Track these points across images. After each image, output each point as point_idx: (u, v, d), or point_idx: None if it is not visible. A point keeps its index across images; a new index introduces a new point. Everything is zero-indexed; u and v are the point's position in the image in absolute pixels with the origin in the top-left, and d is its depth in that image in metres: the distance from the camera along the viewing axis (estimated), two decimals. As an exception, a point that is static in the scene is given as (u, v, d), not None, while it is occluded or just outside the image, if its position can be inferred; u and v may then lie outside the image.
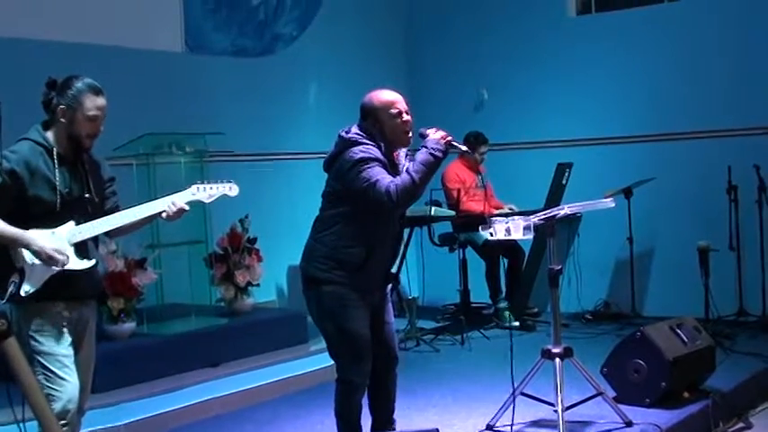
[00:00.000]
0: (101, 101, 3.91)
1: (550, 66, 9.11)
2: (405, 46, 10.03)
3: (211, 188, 4.12)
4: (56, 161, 3.88)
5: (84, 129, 3.90)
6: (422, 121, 4.58)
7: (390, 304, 4.65)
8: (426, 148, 4.27)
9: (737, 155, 7.97)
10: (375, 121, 4.36)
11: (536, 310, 8.61)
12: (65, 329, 3.92)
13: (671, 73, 8.56)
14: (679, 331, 5.75)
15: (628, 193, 8.24)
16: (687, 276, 7.90)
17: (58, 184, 3.87)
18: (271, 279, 7.94)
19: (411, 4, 10.02)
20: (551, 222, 5.03)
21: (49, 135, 3.92)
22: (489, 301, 8.62)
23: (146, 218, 4.08)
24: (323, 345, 6.89)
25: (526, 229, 4.89)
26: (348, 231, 4.31)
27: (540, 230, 5.18)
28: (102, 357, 4.36)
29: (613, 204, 5.35)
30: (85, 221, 3.93)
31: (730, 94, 8.29)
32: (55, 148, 3.89)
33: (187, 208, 4.06)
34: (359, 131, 4.36)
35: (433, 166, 4.24)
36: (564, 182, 8.31)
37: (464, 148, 4.49)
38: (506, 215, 6.94)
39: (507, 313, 8.36)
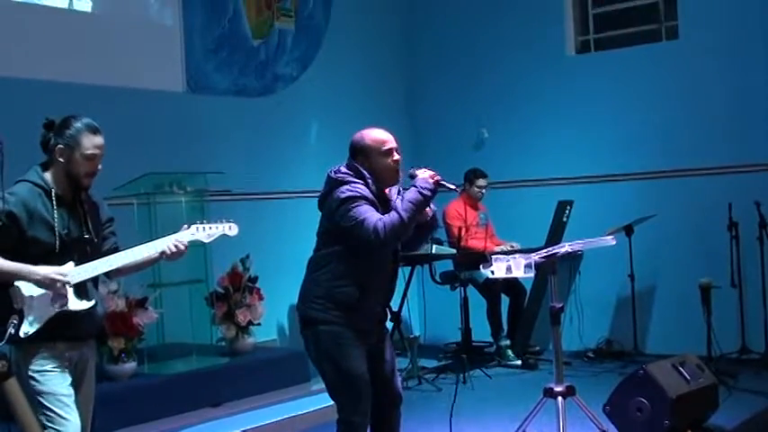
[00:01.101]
0: (98, 140, 3.92)
1: (550, 103, 9.14)
2: (405, 85, 10.07)
3: (211, 228, 4.12)
4: (54, 202, 3.89)
5: (83, 168, 3.90)
6: (422, 160, 4.60)
7: (390, 342, 4.62)
8: (415, 186, 4.28)
9: (738, 191, 7.97)
10: (365, 160, 4.38)
11: (538, 348, 8.58)
12: (65, 369, 3.90)
13: (671, 110, 8.58)
14: (682, 369, 5.73)
15: (629, 230, 8.24)
16: (689, 313, 7.87)
17: (56, 225, 3.87)
18: (272, 318, 7.92)
19: (411, 44, 10.07)
20: (553, 260, 5.03)
21: (48, 176, 3.93)
22: (491, 340, 8.59)
23: (146, 261, 4.07)
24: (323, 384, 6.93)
25: (527, 266, 4.89)
26: (341, 270, 4.30)
27: (542, 268, 5.17)
28: (102, 398, 4.33)
29: (614, 242, 5.35)
30: (84, 262, 3.92)
31: (730, 131, 8.31)
32: (53, 189, 3.90)
33: (185, 248, 4.05)
34: (347, 170, 4.37)
35: (421, 204, 4.25)
36: (565, 219, 8.32)
37: (453, 186, 4.49)
38: (507, 253, 6.94)
39: (509, 351, 8.33)
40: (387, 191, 4.46)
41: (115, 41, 7.41)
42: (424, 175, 4.34)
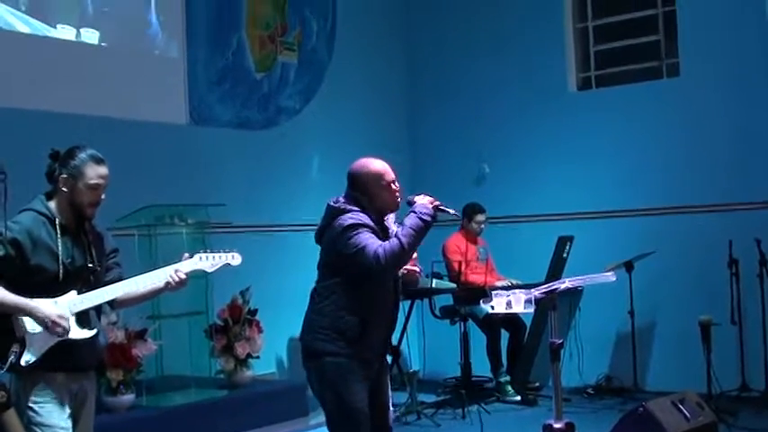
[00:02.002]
0: (102, 170, 3.95)
1: (552, 139, 9.17)
2: (407, 119, 10.11)
3: (214, 258, 4.14)
4: (58, 231, 3.90)
5: (86, 197, 3.93)
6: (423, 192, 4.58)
7: (388, 377, 4.61)
8: (415, 212, 4.29)
9: (738, 229, 7.98)
10: (364, 192, 4.40)
11: (537, 384, 8.56)
12: (64, 401, 3.90)
13: (671, 147, 8.60)
14: (681, 406, 5.71)
15: (629, 266, 8.24)
16: (689, 350, 7.85)
17: (60, 253, 3.88)
18: (271, 351, 7.90)
19: (414, 79, 10.12)
20: (553, 296, 5.02)
21: (52, 205, 3.95)
22: (491, 375, 8.57)
23: (150, 292, 4.09)
24: (323, 418, 6.91)
25: (527, 302, 4.88)
26: (344, 301, 4.30)
27: (542, 304, 5.16)
28: (100, 430, 4.32)
29: (614, 278, 5.35)
30: (87, 291, 3.93)
31: (731, 168, 8.33)
32: (57, 218, 3.92)
33: (190, 275, 4.07)
34: (346, 200, 4.39)
35: (422, 230, 4.26)
36: (565, 255, 8.33)
37: (452, 211, 4.49)
38: (507, 288, 6.94)
39: (509, 387, 8.31)
40: (385, 220, 4.48)
41: (119, 73, 7.46)
42: (423, 201, 4.35)
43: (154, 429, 6.06)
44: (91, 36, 7.38)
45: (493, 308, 4.92)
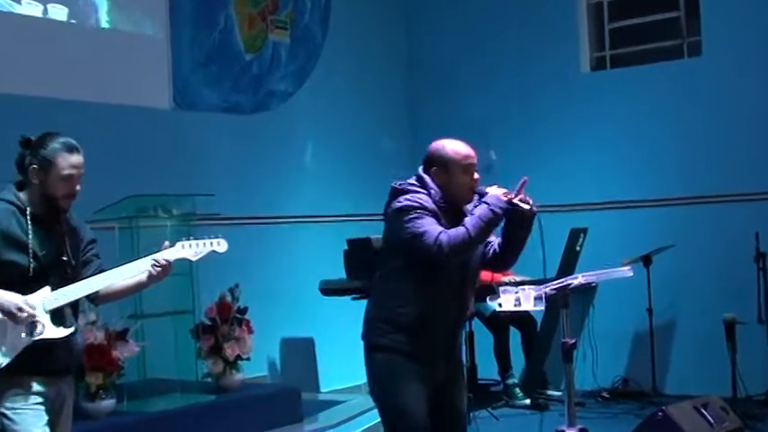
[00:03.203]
0: (76, 159, 3.91)
1: (563, 124, 9.16)
2: (407, 102, 10.10)
3: (198, 245, 4.10)
4: (29, 221, 3.88)
5: (60, 189, 3.89)
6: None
7: (463, 384, 4.49)
8: (487, 203, 4.21)
9: (766, 220, 7.97)
10: (442, 172, 4.32)
11: (549, 387, 8.55)
12: (41, 407, 3.88)
13: (693, 132, 8.60)
14: (704, 411, 5.71)
15: (647, 260, 8.24)
16: (712, 351, 7.85)
17: (31, 245, 3.86)
18: (262, 352, 7.89)
19: (414, 59, 10.11)
20: (565, 292, 5.01)
21: (22, 196, 3.92)
22: (498, 378, 8.57)
23: (132, 286, 4.07)
24: (319, 423, 6.92)
25: (537, 299, 4.87)
26: (401, 289, 4.22)
27: (553, 301, 5.15)
28: (78, 437, 4.32)
29: (631, 273, 5.33)
30: (63, 287, 3.91)
31: (757, 155, 8.32)
32: (29, 209, 3.89)
33: (173, 264, 4.03)
34: (411, 180, 4.35)
35: (492, 222, 4.18)
36: (578, 248, 8.31)
37: (527, 207, 4.39)
38: (516, 284, 6.92)
39: (518, 390, 8.31)
40: (461, 209, 4.36)
41: (93, 53, 7.42)
42: (497, 193, 4.28)
43: (136, 437, 6.06)
44: (59, 12, 7.32)
45: (500, 305, 4.90)
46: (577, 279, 5.00)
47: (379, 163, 9.49)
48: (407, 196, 4.24)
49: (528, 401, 8.21)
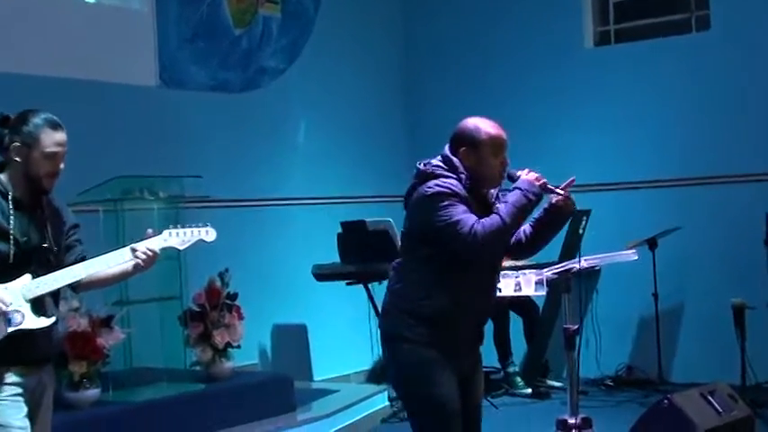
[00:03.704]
0: (60, 136, 3.89)
1: (565, 101, 9.14)
2: (404, 79, 10.07)
3: (185, 233, 4.08)
4: (11, 205, 3.86)
5: (43, 168, 3.87)
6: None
7: (481, 375, 4.44)
8: (520, 189, 4.16)
9: (775, 201, 7.97)
10: (472, 152, 4.24)
11: (550, 375, 8.56)
12: (20, 398, 3.86)
13: (700, 110, 8.58)
14: (712, 399, 5.71)
15: (652, 243, 8.24)
16: (720, 337, 7.85)
17: (12, 231, 3.84)
18: (253, 339, 7.90)
19: (411, 34, 10.08)
20: (567, 276, 5.01)
21: (3, 177, 3.90)
22: (498, 365, 8.58)
23: (117, 274, 4.05)
24: (312, 413, 6.92)
25: (538, 284, 4.88)
26: (429, 280, 4.14)
27: (555, 286, 5.16)
28: (61, 429, 4.31)
29: (636, 257, 5.34)
30: (44, 274, 3.89)
31: (767, 134, 8.30)
32: (11, 192, 3.87)
33: (159, 253, 4.01)
34: (439, 163, 4.25)
35: (526, 208, 4.13)
36: (581, 231, 8.30)
37: (561, 192, 4.32)
38: (517, 268, 6.92)
39: (518, 379, 8.32)
40: (485, 193, 4.33)
41: (79, 29, 7.39)
42: (529, 177, 4.22)
43: (122, 427, 6.04)
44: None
45: (500, 290, 4.90)
46: (580, 263, 5.00)
47: (374, 143, 9.49)
48: (437, 181, 4.14)
49: (529, 390, 8.23)
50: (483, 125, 4.33)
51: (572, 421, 5.01)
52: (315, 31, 9.17)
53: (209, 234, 4.14)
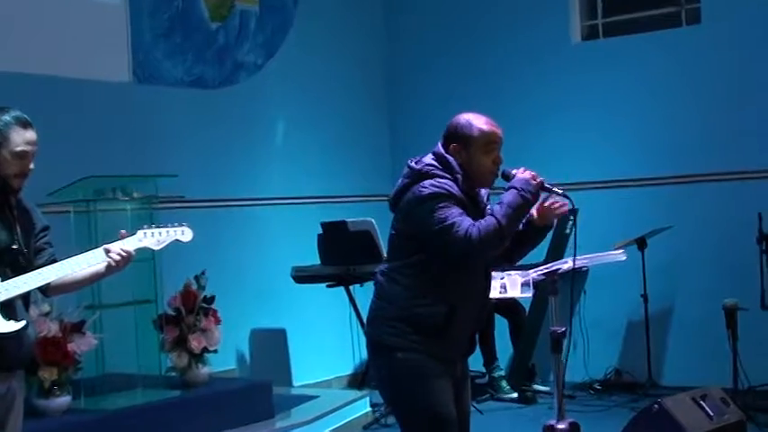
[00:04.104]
0: (30, 134, 3.89)
1: (552, 98, 9.15)
2: (385, 76, 10.08)
3: (161, 233, 4.09)
4: (-22, 206, 3.85)
5: (12, 167, 3.87)
6: (403, 161, 4.49)
7: (469, 381, 4.45)
8: (516, 188, 4.12)
9: (769, 199, 8.00)
10: (463, 150, 4.21)
11: (537, 379, 8.57)
12: (-11, 405, 3.86)
13: (691, 106, 8.60)
14: (703, 404, 5.73)
15: (641, 243, 8.26)
16: (712, 340, 7.87)
17: (-20, 233, 3.83)
18: (230, 345, 7.89)
19: (393, 29, 10.07)
20: (553, 278, 5.02)
21: (-29, 179, 3.90)
22: (483, 369, 8.59)
23: (89, 276, 4.04)
24: (291, 420, 6.92)
25: (524, 285, 4.89)
26: (423, 286, 4.11)
27: (541, 287, 5.16)
28: (31, 437, 4.30)
29: (624, 257, 5.35)
30: (13, 277, 3.88)
31: (761, 131, 8.32)
32: (-22, 192, 3.87)
33: (134, 253, 4.01)
34: (432, 161, 4.20)
35: (522, 209, 4.10)
36: (567, 231, 8.32)
37: (560, 191, 4.35)
38: (502, 269, 6.93)
39: (504, 383, 8.33)
40: (476, 192, 4.30)
41: (48, 23, 7.36)
42: (524, 176, 4.19)
43: (94, 436, 6.04)
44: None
45: (486, 292, 4.90)
46: (567, 264, 5.01)
47: (355, 141, 9.49)
48: (432, 182, 4.10)
49: (515, 394, 8.24)
50: (476, 121, 4.31)
51: (559, 427, 5.01)
52: (294, 25, 9.16)
53: (185, 234, 4.14)
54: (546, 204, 4.33)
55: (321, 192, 9.04)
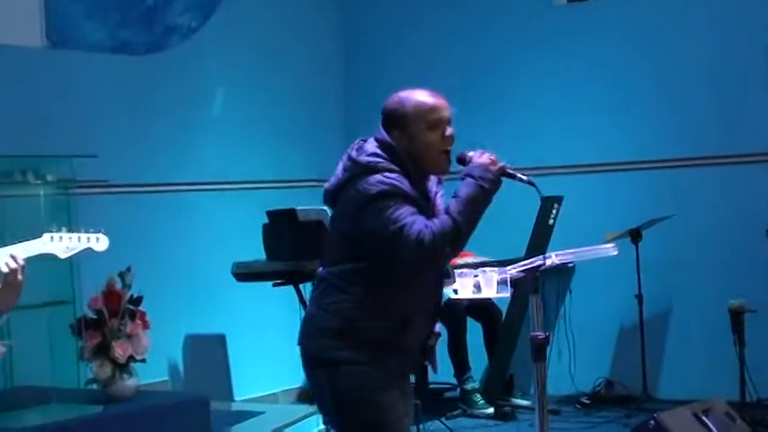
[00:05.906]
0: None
1: (533, 69, 9.17)
2: (341, 39, 10.07)
3: (70, 238, 4.04)
4: None
5: None
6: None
7: (411, 393, 4.45)
8: (472, 177, 4.08)
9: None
10: (403, 134, 4.13)
11: (516, 391, 8.62)
12: None
13: (692, 78, 8.63)
14: (705, 419, 5.79)
15: (636, 235, 8.30)
16: (716, 346, 7.95)
17: None
18: (161, 352, 7.87)
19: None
20: (535, 275, 5.05)
21: None
22: (454, 381, 8.62)
23: None
24: (231, 440, 6.92)
25: (501, 284, 4.90)
26: (371, 297, 4.07)
27: (521, 286, 5.19)
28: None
29: (616, 252, 5.38)
30: None
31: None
32: None
33: (24, 265, 3.90)
34: (377, 151, 4.10)
35: (481, 201, 4.05)
36: (551, 221, 8.36)
37: (525, 178, 4.25)
38: (476, 266, 6.96)
39: (478, 396, 8.36)
40: (428, 181, 4.25)
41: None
42: (482, 160, 4.14)
43: (2, 459, 6.03)
44: None
45: (456, 292, 4.93)
46: (550, 259, 5.03)
47: (305, 116, 9.48)
48: (380, 177, 4.00)
49: (491, 410, 8.26)
50: (408, 95, 4.21)
51: (541, 446, 5.06)
52: (234, -19, 9.17)
53: (99, 242, 4.08)
54: None
55: (266, 175, 9.03)
